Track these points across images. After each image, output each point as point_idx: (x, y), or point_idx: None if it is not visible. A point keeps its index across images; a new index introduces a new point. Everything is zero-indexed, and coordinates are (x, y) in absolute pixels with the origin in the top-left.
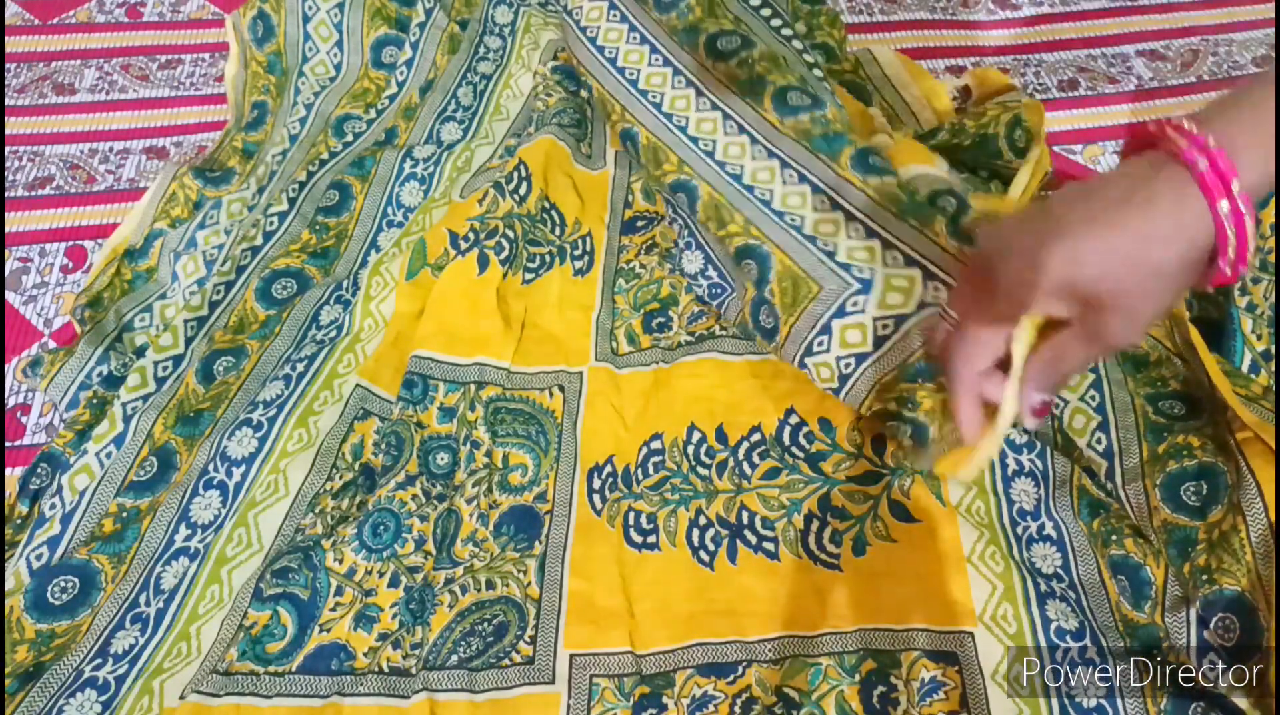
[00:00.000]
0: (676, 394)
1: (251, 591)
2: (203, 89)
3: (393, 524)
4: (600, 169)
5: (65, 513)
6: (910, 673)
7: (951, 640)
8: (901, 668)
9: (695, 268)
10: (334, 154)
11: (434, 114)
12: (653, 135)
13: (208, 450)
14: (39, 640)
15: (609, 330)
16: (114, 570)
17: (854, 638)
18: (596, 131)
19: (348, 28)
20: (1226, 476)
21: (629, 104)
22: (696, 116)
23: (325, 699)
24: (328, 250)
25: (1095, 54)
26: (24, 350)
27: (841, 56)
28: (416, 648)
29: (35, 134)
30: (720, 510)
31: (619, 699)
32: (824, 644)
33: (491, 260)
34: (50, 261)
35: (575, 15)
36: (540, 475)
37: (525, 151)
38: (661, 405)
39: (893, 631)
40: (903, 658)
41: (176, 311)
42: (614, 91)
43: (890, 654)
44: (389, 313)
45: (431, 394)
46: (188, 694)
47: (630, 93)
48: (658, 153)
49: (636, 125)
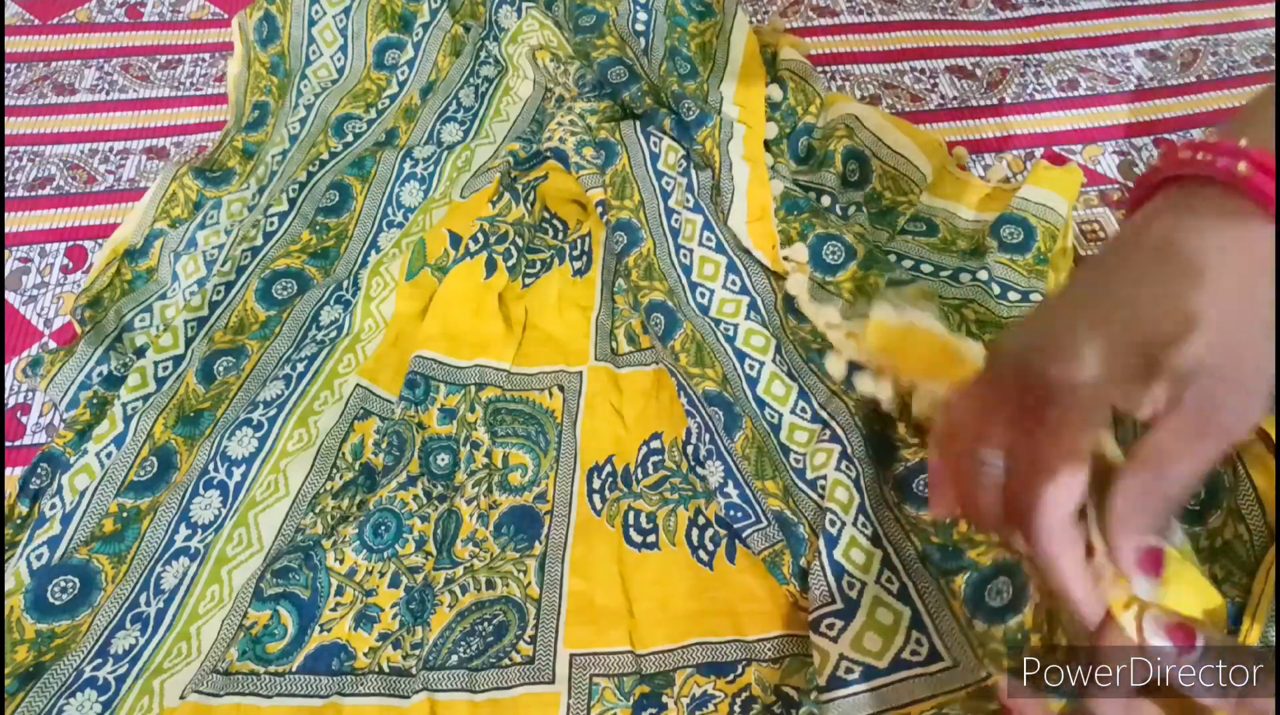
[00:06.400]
0: (676, 394)
1: (252, 591)
2: (203, 89)
3: (394, 524)
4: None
5: (65, 513)
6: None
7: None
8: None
9: (716, 481)
10: (334, 154)
11: (435, 114)
12: (697, 330)
13: (208, 450)
14: (39, 640)
15: (609, 330)
16: (114, 570)
17: None
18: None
19: (352, 31)
20: (1224, 479)
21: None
22: (767, 371)
23: (325, 699)
24: (328, 250)
25: (1095, 54)
26: (24, 350)
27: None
28: (417, 648)
29: (35, 134)
30: (720, 510)
31: (619, 698)
32: None
33: (499, 266)
34: (50, 261)
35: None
36: (540, 475)
37: (537, 183)
38: (662, 405)
39: None
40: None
41: (177, 312)
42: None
43: None
44: (389, 313)
45: (433, 395)
46: (188, 694)
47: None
48: (701, 351)
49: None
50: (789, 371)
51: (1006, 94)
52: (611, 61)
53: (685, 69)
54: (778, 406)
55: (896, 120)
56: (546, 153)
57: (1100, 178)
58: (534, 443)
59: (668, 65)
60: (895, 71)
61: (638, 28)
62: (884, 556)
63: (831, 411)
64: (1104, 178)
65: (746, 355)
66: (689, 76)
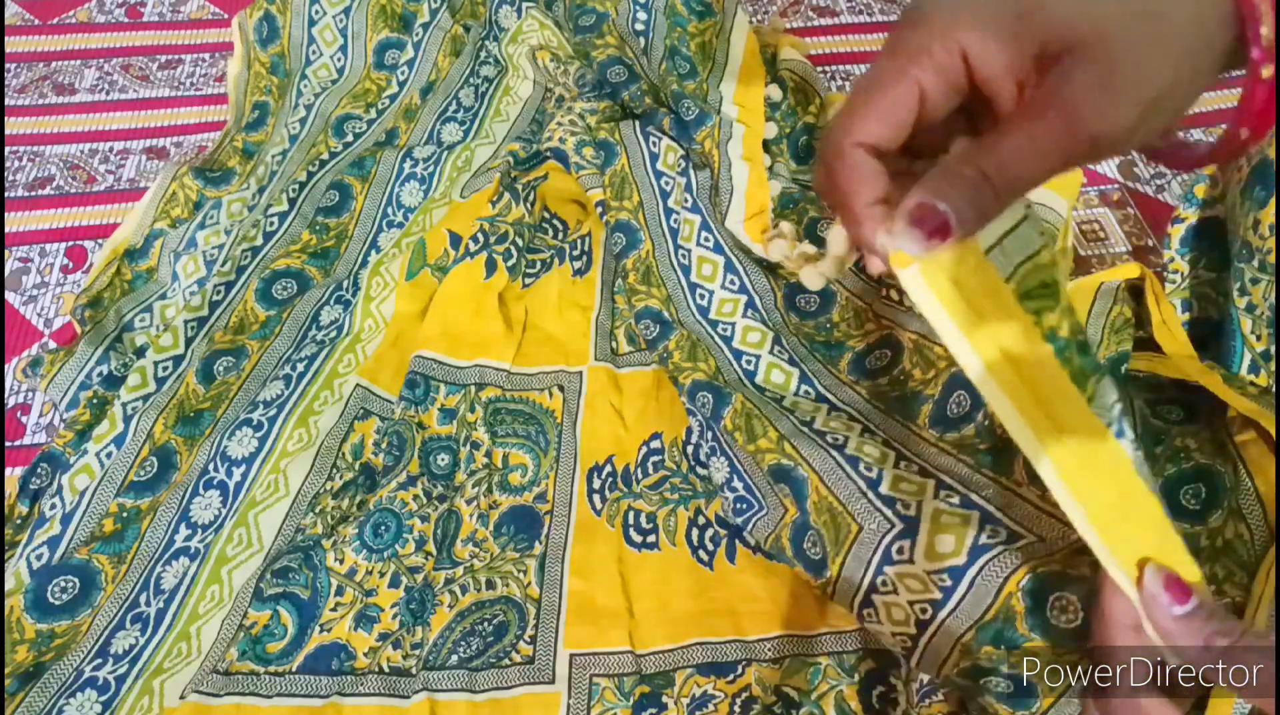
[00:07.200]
0: (676, 393)
1: (252, 591)
2: (203, 89)
3: (394, 524)
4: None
5: (65, 513)
6: (909, 673)
7: None
8: (900, 668)
9: (721, 477)
10: (334, 154)
11: (435, 114)
12: (690, 332)
13: (208, 450)
14: (39, 640)
15: (609, 330)
16: (114, 570)
17: (853, 637)
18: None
19: (352, 31)
20: (1225, 479)
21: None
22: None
23: (325, 699)
24: (328, 250)
25: None
26: (24, 350)
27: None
28: (417, 648)
29: (35, 134)
30: (719, 510)
31: (619, 699)
32: (823, 643)
33: (499, 266)
34: (50, 261)
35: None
36: (540, 475)
37: (537, 183)
38: (661, 405)
39: None
40: (901, 658)
41: (177, 311)
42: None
43: (889, 654)
44: (389, 313)
45: (433, 395)
46: (188, 694)
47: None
48: (695, 348)
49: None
50: (790, 359)
51: None
52: (611, 61)
53: (685, 69)
54: (778, 392)
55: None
56: (546, 153)
57: (1100, 178)
58: (534, 443)
59: (667, 65)
60: None
61: (637, 27)
62: (937, 482)
63: (840, 396)
64: (1104, 178)
65: (744, 352)
66: (688, 76)
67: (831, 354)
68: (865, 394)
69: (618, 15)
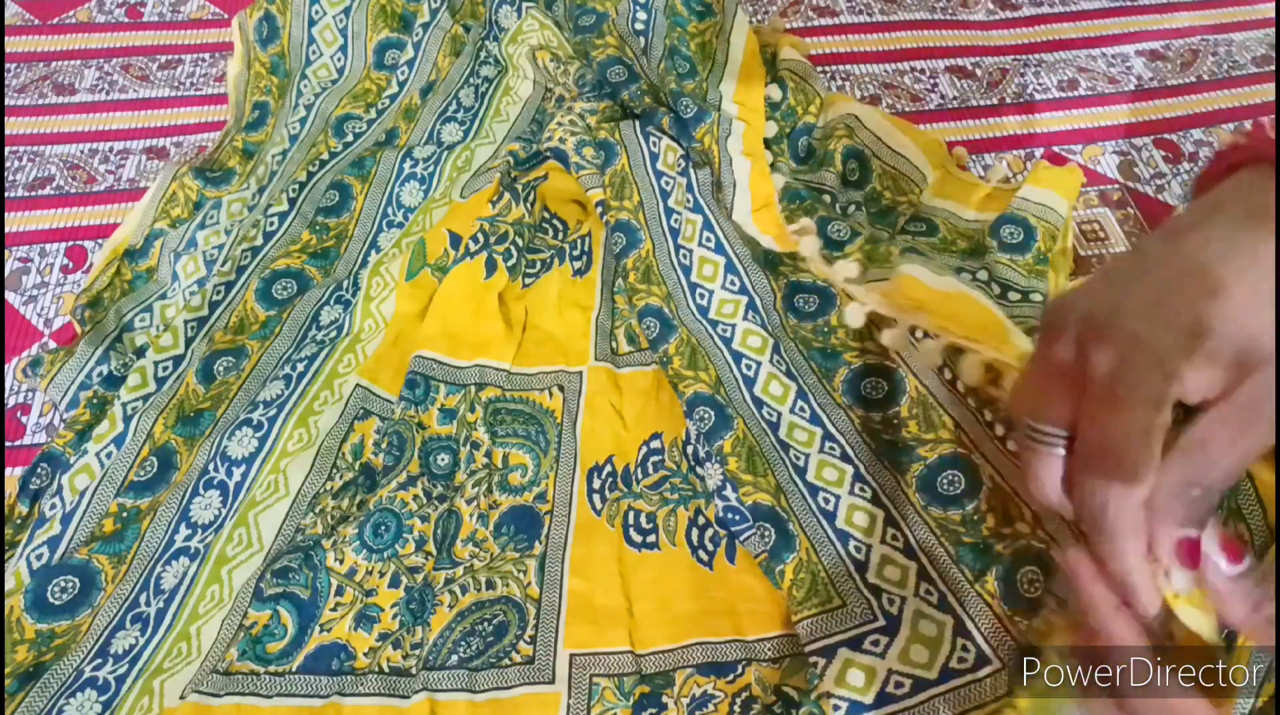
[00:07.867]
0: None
1: (252, 591)
2: (203, 89)
3: (394, 524)
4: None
5: (65, 513)
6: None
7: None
8: None
9: (714, 484)
10: (334, 154)
11: (435, 114)
12: (691, 334)
13: (208, 450)
14: (39, 640)
15: (609, 330)
16: (114, 570)
17: None
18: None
19: (352, 31)
20: None
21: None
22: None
23: (325, 699)
24: (328, 250)
25: (1095, 54)
26: (24, 350)
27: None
28: (417, 648)
29: (35, 134)
30: (718, 512)
31: (619, 698)
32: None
33: (500, 266)
34: (50, 261)
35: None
36: (540, 475)
37: (537, 183)
38: (661, 405)
39: None
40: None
41: (177, 311)
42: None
43: None
44: (389, 313)
45: (433, 395)
46: (188, 694)
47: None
48: (695, 355)
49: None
50: (787, 370)
51: (1006, 94)
52: (611, 61)
53: (684, 68)
54: (776, 406)
55: (897, 120)
56: (546, 153)
57: (1100, 178)
58: (534, 443)
59: (667, 65)
60: (895, 71)
61: (637, 27)
62: (919, 568)
63: (834, 421)
64: (1104, 178)
65: (743, 356)
66: (688, 76)
67: (828, 366)
68: (857, 424)
69: (617, 15)
